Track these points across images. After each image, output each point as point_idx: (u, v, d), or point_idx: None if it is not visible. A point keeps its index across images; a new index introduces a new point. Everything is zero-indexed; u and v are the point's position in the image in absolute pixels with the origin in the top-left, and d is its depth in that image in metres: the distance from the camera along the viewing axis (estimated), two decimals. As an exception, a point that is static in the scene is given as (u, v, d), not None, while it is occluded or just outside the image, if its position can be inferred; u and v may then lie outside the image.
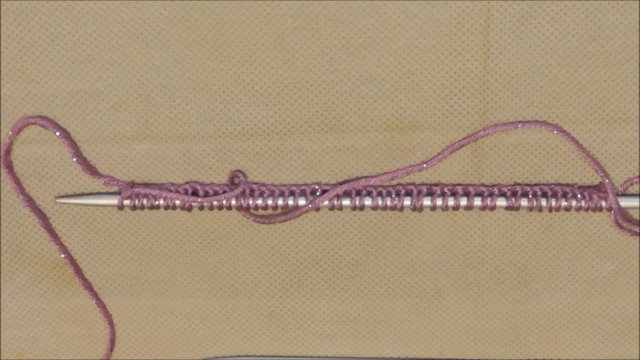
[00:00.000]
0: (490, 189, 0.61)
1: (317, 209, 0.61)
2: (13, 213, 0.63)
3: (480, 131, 0.60)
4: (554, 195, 0.60)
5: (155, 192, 0.61)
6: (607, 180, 0.60)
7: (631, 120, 0.59)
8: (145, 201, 0.61)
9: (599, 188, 0.61)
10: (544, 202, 0.60)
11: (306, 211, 0.61)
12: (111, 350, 0.68)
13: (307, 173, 0.62)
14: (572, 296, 0.65)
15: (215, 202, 0.61)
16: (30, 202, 0.63)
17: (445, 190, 0.61)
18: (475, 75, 0.58)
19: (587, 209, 0.60)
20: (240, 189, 0.61)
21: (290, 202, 0.61)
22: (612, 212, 0.60)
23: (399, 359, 0.68)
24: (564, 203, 0.60)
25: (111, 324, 0.67)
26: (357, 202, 0.61)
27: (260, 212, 0.62)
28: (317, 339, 0.68)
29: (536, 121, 0.59)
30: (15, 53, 0.59)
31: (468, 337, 0.67)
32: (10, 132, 0.61)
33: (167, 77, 0.59)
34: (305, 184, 0.62)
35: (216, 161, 0.62)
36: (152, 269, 0.65)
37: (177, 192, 0.61)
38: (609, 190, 0.60)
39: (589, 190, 0.61)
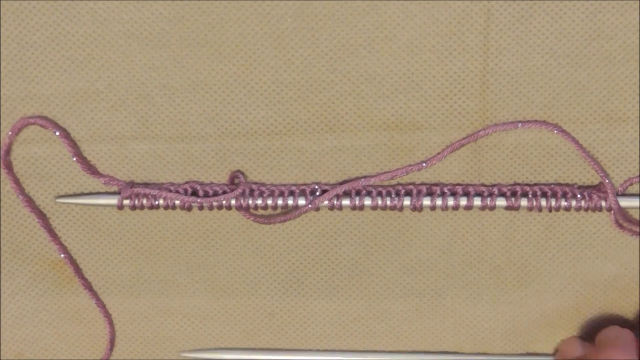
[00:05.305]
0: (490, 188, 0.61)
1: (317, 209, 0.61)
2: (13, 213, 0.63)
3: (480, 131, 0.60)
4: (554, 195, 0.60)
5: (155, 192, 0.61)
6: (607, 180, 0.60)
7: (631, 120, 0.59)
8: (145, 201, 0.61)
9: (599, 188, 0.61)
10: (543, 202, 0.60)
11: (306, 211, 0.61)
12: (111, 350, 0.68)
13: (307, 173, 0.62)
14: (572, 296, 0.65)
15: (215, 202, 0.61)
16: (30, 202, 0.63)
17: (445, 190, 0.61)
18: (475, 75, 0.58)
19: (587, 209, 0.60)
20: (240, 189, 0.61)
21: (290, 202, 0.61)
22: (612, 212, 0.60)
23: (399, 351, 0.68)
24: (563, 203, 0.60)
25: (111, 323, 0.67)
26: (357, 202, 0.61)
27: (260, 212, 0.62)
28: (317, 339, 0.68)
29: (536, 121, 0.59)
30: (15, 53, 0.59)
31: (468, 337, 0.67)
32: (10, 132, 0.61)
33: (167, 77, 0.59)
34: (305, 184, 0.62)
35: (216, 161, 0.62)
36: (152, 269, 0.65)
37: (177, 192, 0.61)
38: (609, 190, 0.60)
39: (589, 190, 0.61)
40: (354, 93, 0.59)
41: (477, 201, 0.61)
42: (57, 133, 0.60)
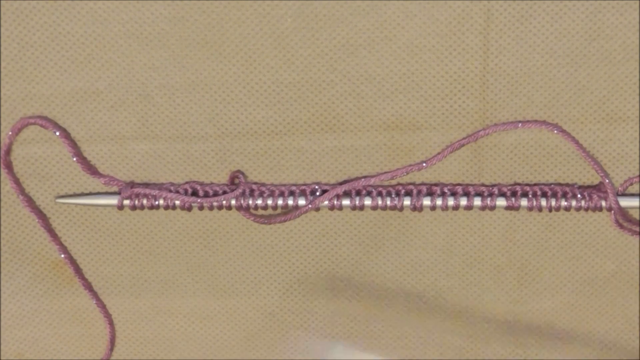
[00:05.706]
0: (490, 188, 0.61)
1: (317, 209, 0.61)
2: (13, 213, 0.63)
3: (480, 131, 0.60)
4: (554, 195, 0.60)
5: (155, 192, 0.61)
6: (607, 180, 0.60)
7: (631, 120, 0.59)
8: (145, 201, 0.61)
9: (599, 188, 0.61)
10: (543, 202, 0.60)
11: (306, 211, 0.61)
12: (111, 350, 0.68)
13: (307, 173, 0.62)
14: (572, 296, 0.65)
15: (215, 203, 0.61)
16: (30, 202, 0.63)
17: (445, 190, 0.61)
18: (475, 75, 0.58)
19: (587, 209, 0.60)
20: (241, 190, 0.61)
21: (290, 202, 0.61)
22: (612, 212, 0.60)
23: None
24: (564, 203, 0.60)
25: (111, 324, 0.67)
26: (357, 202, 0.61)
27: (260, 212, 0.62)
28: (317, 339, 0.68)
29: (536, 121, 0.59)
30: (15, 53, 0.59)
31: (468, 338, 0.67)
32: (10, 132, 0.61)
33: (167, 77, 0.59)
34: (305, 184, 0.62)
35: (216, 161, 0.62)
36: (152, 269, 0.65)
37: (177, 192, 0.61)
38: (609, 190, 0.60)
39: (589, 190, 0.61)
40: (354, 93, 0.59)
41: (477, 201, 0.61)
42: (57, 133, 0.60)
